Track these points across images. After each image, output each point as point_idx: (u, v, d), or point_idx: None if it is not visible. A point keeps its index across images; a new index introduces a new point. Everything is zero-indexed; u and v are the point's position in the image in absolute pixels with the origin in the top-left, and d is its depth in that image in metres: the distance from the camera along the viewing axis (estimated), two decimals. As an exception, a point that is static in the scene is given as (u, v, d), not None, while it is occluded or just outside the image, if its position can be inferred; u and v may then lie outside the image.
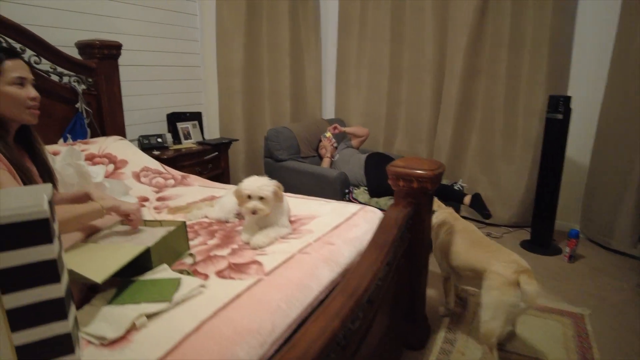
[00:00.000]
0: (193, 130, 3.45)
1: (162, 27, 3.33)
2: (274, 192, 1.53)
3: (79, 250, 1.24)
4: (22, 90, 1.24)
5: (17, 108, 1.24)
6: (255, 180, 1.55)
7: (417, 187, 1.75)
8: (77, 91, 2.56)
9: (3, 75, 1.20)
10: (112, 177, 2.18)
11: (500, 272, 1.67)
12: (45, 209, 0.72)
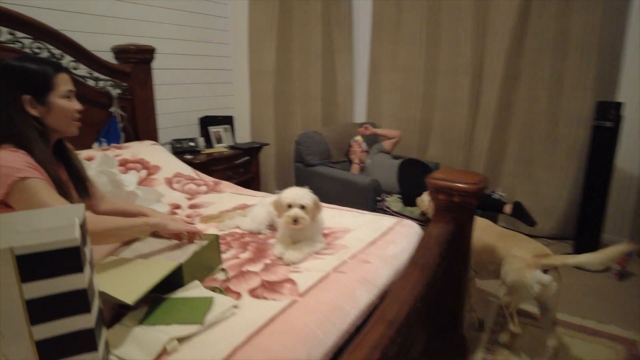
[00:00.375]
0: (225, 134, 3.44)
1: (194, 30, 3.33)
2: (314, 201, 1.47)
3: (110, 266, 1.21)
4: (71, 103, 1.26)
5: (66, 121, 1.26)
6: (295, 189, 1.52)
7: (458, 202, 1.65)
8: (112, 95, 2.58)
9: (56, 89, 1.21)
10: (144, 183, 2.17)
11: (518, 255, 1.74)
12: (76, 237, 0.68)
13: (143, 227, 1.28)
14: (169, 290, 1.19)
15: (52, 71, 1.22)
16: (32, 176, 1.12)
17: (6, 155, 1.12)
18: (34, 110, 1.20)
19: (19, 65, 1.19)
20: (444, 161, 3.62)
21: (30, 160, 1.16)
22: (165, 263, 1.20)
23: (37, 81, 1.19)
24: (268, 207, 1.74)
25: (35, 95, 1.19)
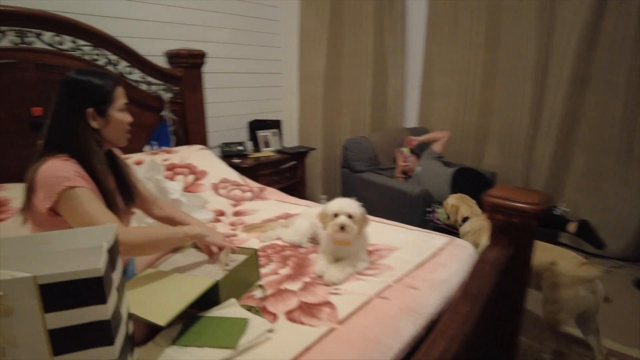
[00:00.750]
0: (273, 139, 3.43)
1: (245, 34, 3.34)
2: (362, 212, 1.41)
3: (146, 280, 1.19)
4: (125, 116, 1.29)
5: (119, 133, 1.29)
6: (342, 199, 1.45)
7: (518, 223, 1.50)
8: (164, 99, 2.63)
9: (116, 102, 1.25)
10: (191, 188, 2.19)
11: (565, 270, 1.66)
12: (100, 267, 0.64)
13: (182, 238, 1.26)
14: (205, 306, 1.15)
15: (112, 85, 1.25)
16: (80, 185, 1.13)
17: (57, 164, 1.14)
18: (94, 123, 1.23)
19: (85, 79, 1.22)
20: (501, 171, 3.39)
21: (79, 169, 1.18)
22: (201, 280, 1.16)
23: (100, 95, 1.23)
24: (311, 218, 1.68)
25: (97, 108, 1.22)
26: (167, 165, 2.25)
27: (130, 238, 1.13)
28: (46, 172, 1.13)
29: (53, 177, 1.12)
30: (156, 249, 1.27)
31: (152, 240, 1.20)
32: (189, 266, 1.28)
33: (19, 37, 2.03)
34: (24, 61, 2.04)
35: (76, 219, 1.12)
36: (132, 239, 1.14)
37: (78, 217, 1.12)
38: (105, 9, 2.44)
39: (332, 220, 1.39)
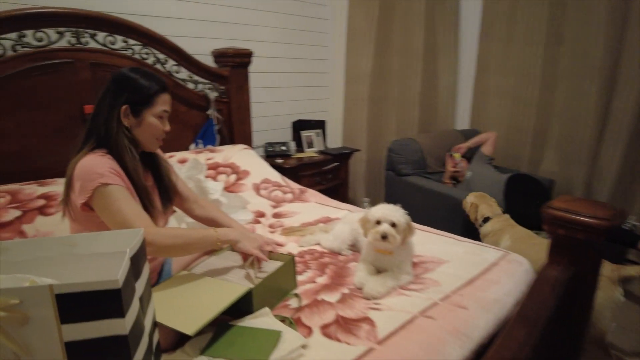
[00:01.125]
0: (316, 139, 3.38)
1: (292, 33, 3.31)
2: (407, 221, 1.31)
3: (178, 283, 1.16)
4: (161, 123, 1.27)
5: (150, 138, 1.28)
6: (386, 205, 1.36)
7: (582, 239, 1.34)
8: (210, 98, 2.64)
9: (153, 107, 1.23)
10: (233, 188, 2.17)
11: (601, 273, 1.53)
12: (117, 278, 0.59)
13: (214, 242, 1.22)
14: (237, 314, 1.11)
15: (157, 90, 1.24)
16: (114, 183, 1.12)
17: (93, 160, 1.14)
18: (126, 120, 1.22)
19: (132, 77, 1.22)
20: (560, 178, 3.13)
21: (116, 166, 1.17)
22: (234, 287, 1.11)
23: (140, 95, 1.22)
24: (352, 224, 1.60)
25: (132, 107, 1.22)
26: (210, 164, 2.25)
27: (160, 239, 1.11)
28: (82, 167, 1.13)
29: (88, 173, 1.12)
30: (186, 252, 1.25)
31: (183, 243, 1.17)
32: (224, 270, 1.24)
33: (74, 37, 2.10)
34: (79, 61, 2.11)
35: (109, 216, 1.12)
36: (162, 240, 1.11)
37: (110, 215, 1.11)
38: (155, 8, 2.48)
39: (374, 228, 1.30)
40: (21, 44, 1.97)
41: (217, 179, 2.17)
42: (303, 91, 3.51)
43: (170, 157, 2.26)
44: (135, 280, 0.71)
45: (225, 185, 2.16)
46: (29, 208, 1.70)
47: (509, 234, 2.01)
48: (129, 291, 0.65)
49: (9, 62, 1.93)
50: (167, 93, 1.28)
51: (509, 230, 2.04)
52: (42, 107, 2.03)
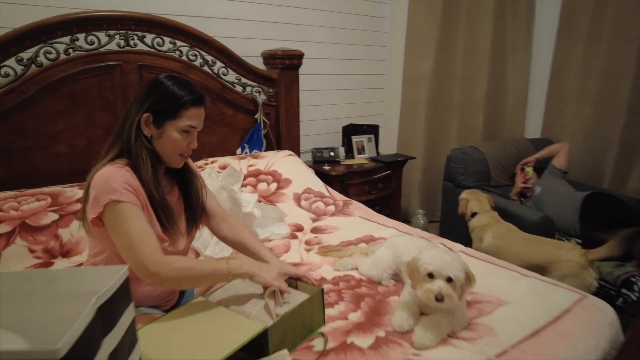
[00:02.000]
0: (368, 145, 3.19)
1: (347, 32, 3.14)
2: (467, 271, 1.09)
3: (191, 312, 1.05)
4: (185, 139, 1.15)
5: (171, 152, 1.16)
6: (440, 253, 1.12)
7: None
8: (258, 102, 2.56)
9: (178, 120, 1.12)
10: (272, 197, 2.05)
11: (571, 259, 1.77)
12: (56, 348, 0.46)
13: (225, 276, 1.08)
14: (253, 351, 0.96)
15: (187, 102, 1.12)
16: (126, 200, 1.03)
17: (109, 172, 1.06)
18: (146, 129, 1.13)
19: (165, 83, 1.13)
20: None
21: (133, 179, 1.08)
22: (249, 324, 0.97)
23: (167, 104, 1.11)
24: (396, 250, 1.40)
25: (156, 116, 1.12)
26: (251, 171, 2.15)
27: (164, 271, 1.00)
28: (98, 179, 1.05)
29: (102, 186, 1.03)
30: (194, 285, 1.15)
31: (189, 275, 1.05)
32: (244, 298, 1.11)
33: (123, 39, 2.09)
34: (127, 63, 2.10)
35: (116, 237, 1.03)
36: (167, 272, 1.01)
37: (118, 235, 1.03)
38: (204, 9, 2.43)
39: (425, 282, 1.09)
40: (73, 48, 1.98)
41: (257, 187, 2.07)
42: (356, 94, 3.33)
43: (212, 162, 2.20)
44: (106, 334, 0.59)
45: (265, 194, 2.05)
46: (66, 212, 1.70)
47: (492, 230, 2.12)
48: (86, 353, 0.52)
49: (62, 65, 1.95)
50: (199, 107, 1.16)
51: (493, 226, 2.15)
52: (91, 109, 2.04)
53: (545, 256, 1.86)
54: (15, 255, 1.54)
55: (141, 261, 1.00)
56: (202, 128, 1.20)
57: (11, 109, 1.86)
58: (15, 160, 1.91)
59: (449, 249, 1.64)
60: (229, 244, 1.35)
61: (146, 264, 0.99)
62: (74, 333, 0.51)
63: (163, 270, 1.00)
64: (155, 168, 1.14)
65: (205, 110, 1.20)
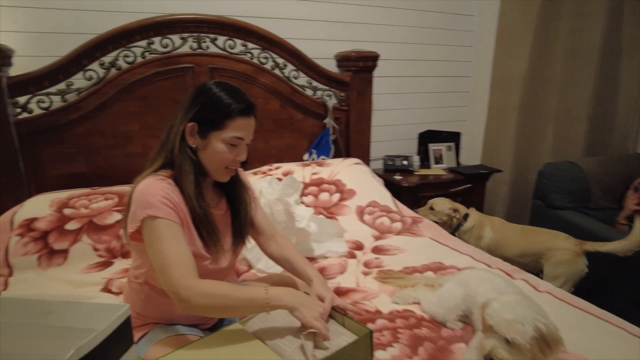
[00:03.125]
0: (447, 154, 2.93)
1: (429, 31, 2.90)
2: (542, 335, 0.86)
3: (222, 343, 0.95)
4: (230, 151, 1.06)
5: (215, 165, 1.08)
6: (512, 305, 0.91)
7: None
8: (328, 106, 2.44)
9: (223, 131, 1.04)
10: (334, 209, 1.92)
11: (566, 247, 1.96)
12: None
13: (263, 306, 0.97)
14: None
15: (234, 112, 1.04)
16: (162, 216, 0.97)
17: (150, 185, 1.01)
18: (191, 139, 1.06)
19: (212, 91, 1.05)
20: None
21: (173, 193, 1.02)
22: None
23: (210, 113, 1.04)
24: (467, 287, 1.19)
25: (201, 126, 1.05)
26: (314, 180, 2.04)
27: (195, 297, 0.92)
28: (138, 191, 1.00)
29: (140, 201, 0.98)
30: (228, 314, 1.06)
31: (223, 304, 0.96)
32: (281, 332, 0.99)
33: (196, 42, 2.10)
34: (199, 65, 2.11)
35: (151, 255, 0.97)
36: (198, 299, 0.92)
37: (152, 253, 0.97)
38: (275, 10, 2.37)
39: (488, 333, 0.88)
40: (149, 51, 2.03)
41: (318, 198, 1.96)
42: (436, 97, 3.07)
43: (276, 168, 2.13)
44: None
45: (326, 205, 1.93)
46: (127, 214, 1.72)
47: (489, 225, 2.19)
48: None
49: (138, 68, 2.01)
50: (247, 118, 1.07)
51: (487, 221, 2.22)
52: (163, 111, 2.08)
53: (542, 244, 2.02)
54: (81, 252, 1.59)
55: (172, 284, 0.93)
56: (271, 132, 1.11)
57: (93, 110, 1.96)
58: (95, 158, 2.01)
59: (533, 287, 1.38)
60: (275, 262, 1.25)
61: (177, 288, 0.92)
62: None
63: (194, 295, 0.92)
64: (198, 181, 1.07)
65: (256, 120, 1.10)
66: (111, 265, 1.59)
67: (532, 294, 1.28)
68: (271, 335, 0.98)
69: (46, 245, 1.57)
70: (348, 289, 1.38)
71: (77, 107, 1.92)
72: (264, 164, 2.22)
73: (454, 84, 3.14)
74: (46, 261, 1.55)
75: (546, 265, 1.99)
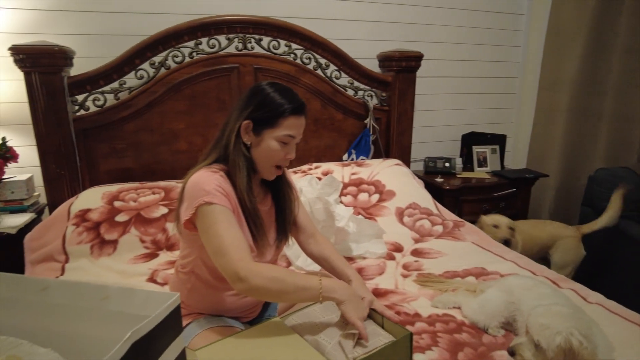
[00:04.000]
0: (491, 157, 2.84)
1: (475, 31, 2.83)
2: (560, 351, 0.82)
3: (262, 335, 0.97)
4: (282, 149, 1.10)
5: (266, 163, 1.12)
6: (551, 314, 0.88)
7: None
8: (369, 106, 2.43)
9: (277, 129, 1.09)
10: (373, 210, 1.91)
11: (571, 235, 2.14)
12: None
13: (316, 296, 0.98)
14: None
15: (287, 111, 1.08)
16: (218, 203, 1.01)
17: (204, 176, 1.05)
18: (246, 137, 1.10)
19: (266, 90, 1.10)
20: None
21: (226, 184, 1.06)
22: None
23: (265, 112, 1.08)
24: (511, 294, 1.16)
25: (255, 124, 1.09)
26: (353, 180, 2.04)
27: (254, 278, 0.94)
28: (192, 182, 1.05)
29: (196, 190, 1.02)
30: (282, 299, 1.08)
31: (279, 288, 0.97)
32: (321, 327, 1.00)
33: (241, 43, 2.15)
34: (243, 65, 2.16)
35: (207, 240, 1.01)
36: (256, 280, 0.95)
37: (208, 238, 1.00)
38: (319, 11, 2.39)
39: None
40: (197, 51, 2.10)
41: (357, 198, 1.95)
42: (481, 99, 2.99)
43: (316, 168, 2.14)
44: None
45: (364, 205, 1.92)
46: (174, 207, 1.78)
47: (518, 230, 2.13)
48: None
49: (186, 67, 2.08)
50: (299, 117, 1.10)
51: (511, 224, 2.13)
52: (209, 110, 2.15)
53: (551, 235, 2.17)
54: (129, 243, 1.67)
55: (231, 265, 0.96)
56: (311, 132, 1.13)
57: (143, 107, 2.05)
58: (144, 154, 2.10)
59: (582, 298, 1.32)
60: (314, 260, 1.26)
61: (236, 268, 0.95)
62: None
63: (253, 276, 0.94)
64: (249, 177, 1.11)
65: (305, 120, 1.14)
66: (157, 257, 1.65)
67: (581, 305, 1.22)
68: (310, 331, 0.99)
69: (98, 235, 1.65)
70: (386, 291, 1.37)
71: (128, 105, 2.01)
72: (303, 164, 2.25)
73: (500, 85, 3.05)
74: (98, 250, 1.63)
75: (555, 255, 2.14)
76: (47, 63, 1.79)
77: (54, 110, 1.84)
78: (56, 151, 1.88)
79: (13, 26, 1.93)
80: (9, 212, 1.81)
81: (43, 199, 1.98)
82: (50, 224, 1.68)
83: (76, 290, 0.65)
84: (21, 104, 1.89)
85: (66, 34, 1.99)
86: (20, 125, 1.98)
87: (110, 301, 0.64)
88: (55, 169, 1.89)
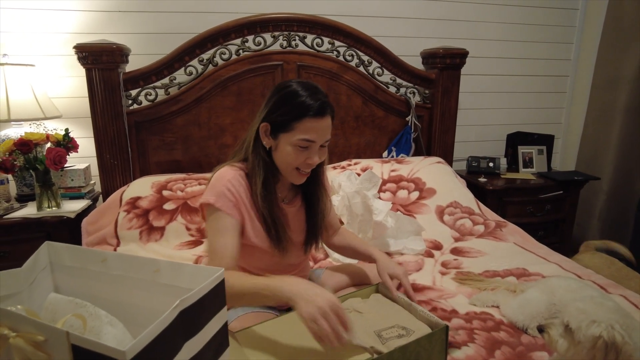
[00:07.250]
0: (537, 158, 2.74)
1: (526, 28, 2.74)
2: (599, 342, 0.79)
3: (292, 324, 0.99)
4: (301, 154, 1.03)
5: (286, 167, 1.07)
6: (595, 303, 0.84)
7: None
8: (411, 103, 2.42)
9: (290, 133, 1.01)
10: (412, 208, 1.90)
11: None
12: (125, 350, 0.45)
13: (266, 296, 0.91)
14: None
15: (302, 114, 1.00)
16: (221, 209, 1.02)
17: (225, 174, 1.06)
18: (265, 140, 1.06)
19: (284, 90, 1.04)
20: None
21: (238, 184, 1.05)
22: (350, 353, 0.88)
23: (278, 114, 1.03)
24: (552, 294, 1.12)
25: (273, 127, 1.04)
26: (393, 176, 2.04)
27: None
28: (214, 177, 1.08)
29: (213, 186, 1.05)
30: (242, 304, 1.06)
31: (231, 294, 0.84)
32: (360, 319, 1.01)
33: (286, 40, 2.20)
34: (287, 63, 2.21)
35: (208, 237, 1.07)
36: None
37: (208, 236, 1.07)
38: (364, 8, 2.40)
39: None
40: (243, 49, 2.17)
41: (396, 195, 1.95)
42: (528, 97, 2.89)
43: (355, 164, 2.16)
44: (188, 338, 0.57)
45: (403, 202, 1.91)
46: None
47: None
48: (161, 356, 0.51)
49: (233, 64, 2.16)
50: (318, 119, 1.00)
51: None
52: (254, 106, 2.21)
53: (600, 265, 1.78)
54: (175, 230, 1.76)
55: None
56: (352, 129, 1.10)
57: (191, 102, 2.14)
58: (192, 147, 2.20)
59: (634, 305, 1.25)
60: (337, 252, 1.29)
61: None
62: (147, 337, 0.49)
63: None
64: (268, 182, 1.07)
65: (333, 119, 1.06)
66: (201, 244, 1.73)
67: (632, 312, 1.17)
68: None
69: (147, 222, 1.75)
70: (424, 287, 1.37)
71: (178, 100, 2.11)
72: (341, 159, 2.26)
73: (549, 84, 2.93)
74: (146, 236, 1.73)
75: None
76: (107, 60, 1.91)
77: (110, 104, 1.97)
78: (111, 142, 2.01)
79: (77, 27, 2.08)
80: (69, 198, 1.95)
81: (98, 187, 2.12)
82: (104, 209, 1.80)
83: (131, 262, 0.71)
84: (81, 98, 2.04)
85: (123, 33, 2.13)
86: (80, 118, 2.13)
87: (161, 274, 0.69)
88: (109, 159, 2.02)
